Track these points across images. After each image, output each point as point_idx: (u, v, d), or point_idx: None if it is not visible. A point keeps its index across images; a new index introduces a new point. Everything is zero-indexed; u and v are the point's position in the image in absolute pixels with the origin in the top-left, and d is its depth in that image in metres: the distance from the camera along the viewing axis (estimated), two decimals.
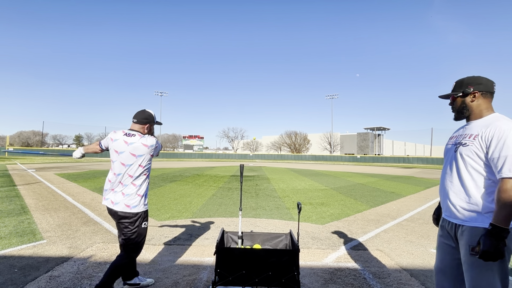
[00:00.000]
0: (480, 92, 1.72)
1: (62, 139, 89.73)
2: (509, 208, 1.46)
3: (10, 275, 2.95)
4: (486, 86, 1.72)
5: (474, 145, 1.64)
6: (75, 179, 12.40)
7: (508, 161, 1.50)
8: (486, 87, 1.72)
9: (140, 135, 2.57)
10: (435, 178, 17.38)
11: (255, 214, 6.08)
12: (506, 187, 1.49)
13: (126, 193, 2.46)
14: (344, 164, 45.09)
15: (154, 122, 2.71)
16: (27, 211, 5.92)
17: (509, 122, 1.58)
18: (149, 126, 2.67)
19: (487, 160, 1.60)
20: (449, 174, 1.77)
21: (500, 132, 1.55)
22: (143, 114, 2.65)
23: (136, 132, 2.60)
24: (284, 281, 2.17)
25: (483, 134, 1.62)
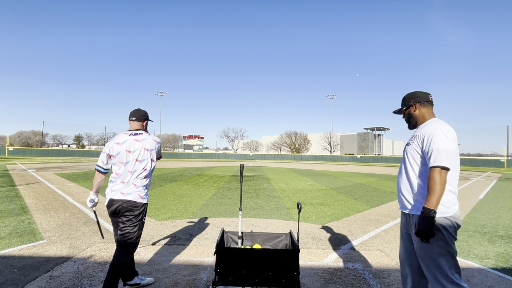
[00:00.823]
0: (419, 103, 2.07)
1: (62, 139, 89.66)
2: (436, 192, 1.74)
3: (10, 275, 2.95)
4: (422, 97, 2.07)
5: (414, 143, 1.99)
6: (75, 179, 12.40)
7: (434, 152, 1.81)
8: (422, 98, 2.07)
9: (148, 133, 2.73)
10: None
11: (255, 214, 6.07)
12: (432, 174, 1.78)
13: (138, 185, 2.57)
14: (344, 164, 45.08)
15: (148, 118, 2.82)
16: (27, 211, 5.92)
17: (439, 124, 1.91)
18: (147, 122, 2.81)
19: (423, 155, 1.91)
20: (400, 171, 2.08)
21: (430, 130, 1.88)
22: (140, 112, 2.77)
23: (139, 130, 2.71)
24: (284, 281, 2.17)
25: (420, 133, 1.96)
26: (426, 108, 2.06)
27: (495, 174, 23.48)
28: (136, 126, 2.71)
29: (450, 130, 1.88)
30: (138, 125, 2.72)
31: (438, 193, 1.74)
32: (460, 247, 4.14)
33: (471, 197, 9.20)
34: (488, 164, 42.00)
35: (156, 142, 2.70)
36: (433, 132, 1.86)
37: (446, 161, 1.77)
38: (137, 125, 2.71)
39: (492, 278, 3.12)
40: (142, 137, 2.64)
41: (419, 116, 2.08)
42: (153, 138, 2.69)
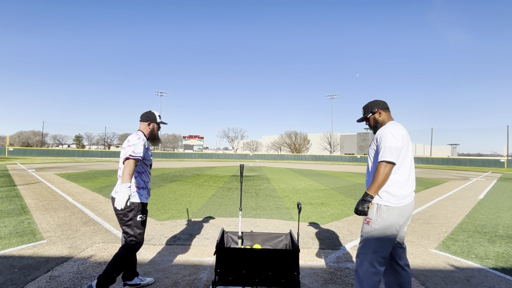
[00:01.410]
0: (382, 109, 2.37)
1: (62, 139, 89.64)
2: (377, 182, 2.07)
3: (10, 275, 2.95)
4: (383, 104, 2.39)
5: (372, 144, 2.31)
6: (75, 179, 12.40)
7: (382, 149, 2.11)
8: (383, 105, 2.38)
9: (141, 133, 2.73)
10: (435, 178, 17.38)
11: (255, 214, 6.07)
12: (378, 167, 2.09)
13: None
14: (344, 164, 45.08)
15: (155, 120, 2.79)
16: (27, 211, 5.92)
17: (392, 125, 2.21)
18: (151, 123, 2.77)
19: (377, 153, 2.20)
20: (367, 168, 2.39)
21: (382, 131, 2.20)
22: (145, 112, 2.82)
23: (138, 131, 2.77)
24: (284, 281, 2.17)
25: (376, 135, 2.26)
26: (386, 113, 2.38)
27: (495, 174, 23.48)
28: (140, 127, 2.79)
29: (398, 130, 2.15)
30: (141, 126, 2.78)
31: (378, 182, 2.06)
32: (460, 247, 4.14)
33: (471, 197, 9.20)
34: (488, 164, 42.01)
35: (127, 141, 2.58)
36: (383, 132, 2.18)
37: (390, 156, 2.06)
38: (140, 126, 2.79)
39: (492, 278, 3.12)
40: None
41: (383, 121, 2.36)
42: (129, 137, 2.62)
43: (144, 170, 2.67)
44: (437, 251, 3.96)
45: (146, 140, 2.68)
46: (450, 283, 3.01)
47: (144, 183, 2.67)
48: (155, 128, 2.81)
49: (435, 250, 4.03)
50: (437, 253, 3.88)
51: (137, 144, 2.52)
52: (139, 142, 2.54)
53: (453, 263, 3.56)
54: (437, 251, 3.98)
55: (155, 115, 2.79)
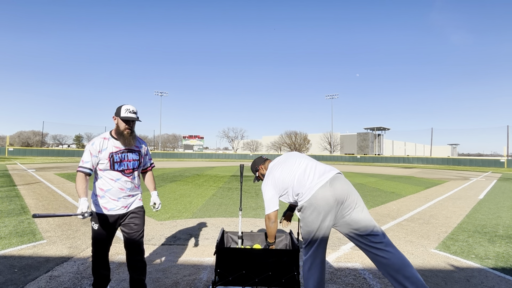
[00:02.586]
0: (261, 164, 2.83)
1: (62, 139, 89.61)
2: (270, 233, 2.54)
3: (10, 275, 2.95)
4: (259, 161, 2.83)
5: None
6: (75, 179, 12.38)
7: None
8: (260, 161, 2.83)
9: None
10: (435, 178, 17.38)
11: (255, 214, 6.07)
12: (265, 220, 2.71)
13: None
14: (344, 164, 45.07)
15: (119, 114, 2.34)
16: (27, 211, 5.91)
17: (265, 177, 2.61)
18: (116, 118, 2.37)
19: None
20: None
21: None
22: None
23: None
24: (284, 281, 2.16)
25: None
26: (265, 165, 2.72)
27: (495, 174, 23.48)
28: None
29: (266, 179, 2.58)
30: None
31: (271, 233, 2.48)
32: (460, 247, 4.14)
33: (471, 197, 9.20)
34: (488, 164, 41.98)
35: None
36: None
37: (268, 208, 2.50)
38: None
39: (492, 278, 3.12)
40: None
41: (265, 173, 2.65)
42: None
43: (100, 175, 2.35)
44: (437, 251, 3.96)
45: (101, 142, 2.31)
46: (450, 283, 3.01)
47: (102, 191, 2.36)
48: (119, 122, 2.36)
49: (435, 250, 4.03)
50: (437, 253, 3.88)
51: (84, 151, 2.32)
52: (86, 148, 2.32)
53: (453, 263, 3.56)
54: (437, 251, 3.98)
55: (121, 109, 2.34)
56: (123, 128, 2.34)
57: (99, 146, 2.30)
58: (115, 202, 2.37)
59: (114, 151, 2.33)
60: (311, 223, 2.21)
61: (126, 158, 2.38)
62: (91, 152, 2.29)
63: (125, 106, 2.35)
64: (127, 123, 2.35)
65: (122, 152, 2.36)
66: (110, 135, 2.38)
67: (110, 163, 2.31)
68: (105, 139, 2.34)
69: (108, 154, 2.31)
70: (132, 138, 2.39)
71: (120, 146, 2.35)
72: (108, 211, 2.36)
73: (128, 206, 2.44)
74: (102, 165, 2.31)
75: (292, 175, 2.43)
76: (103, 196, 2.35)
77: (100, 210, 2.35)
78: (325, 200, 2.18)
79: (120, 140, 2.35)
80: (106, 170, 2.33)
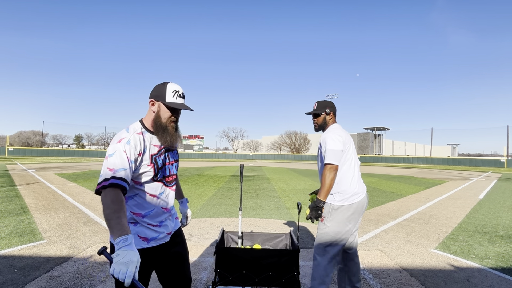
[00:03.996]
0: (333, 113, 2.46)
1: (62, 139, 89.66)
2: (326, 186, 2.16)
3: (10, 275, 2.95)
4: (335, 109, 2.48)
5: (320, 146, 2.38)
6: (75, 179, 12.40)
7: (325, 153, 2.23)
8: (335, 110, 2.48)
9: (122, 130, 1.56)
10: (435, 178, 17.38)
11: (255, 214, 6.07)
12: (324, 171, 2.20)
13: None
14: None
15: (163, 98, 1.56)
16: (27, 211, 5.92)
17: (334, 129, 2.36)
18: (156, 103, 1.58)
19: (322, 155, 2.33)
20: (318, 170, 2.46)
21: (325, 135, 2.32)
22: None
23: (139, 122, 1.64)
24: (284, 281, 2.16)
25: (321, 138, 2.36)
26: (334, 118, 2.48)
27: (495, 174, 23.48)
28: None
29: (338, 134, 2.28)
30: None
31: (326, 186, 2.16)
32: (460, 247, 4.14)
33: (471, 197, 9.20)
34: (488, 164, 41.99)
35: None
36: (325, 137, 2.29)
37: (333, 159, 2.18)
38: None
39: (492, 278, 3.12)
40: None
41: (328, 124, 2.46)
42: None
43: (136, 191, 1.53)
44: (437, 251, 3.96)
45: (139, 140, 1.50)
46: (450, 283, 3.01)
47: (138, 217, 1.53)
48: (162, 110, 1.57)
49: (435, 250, 4.03)
50: (437, 253, 3.88)
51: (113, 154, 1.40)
52: (115, 148, 1.41)
53: (453, 263, 3.56)
54: (437, 251, 3.98)
55: (165, 90, 1.56)
56: (166, 120, 1.57)
57: (139, 144, 1.49)
58: (157, 228, 1.58)
59: (154, 153, 1.57)
60: (344, 225, 2.25)
61: (167, 160, 1.64)
62: (127, 153, 1.42)
63: (171, 85, 1.58)
64: (173, 112, 1.59)
65: (162, 152, 1.62)
66: (143, 128, 1.58)
67: (154, 171, 1.54)
68: (139, 135, 1.52)
69: (149, 156, 1.54)
70: (178, 134, 1.66)
71: (157, 144, 1.59)
72: (148, 243, 1.55)
73: (172, 230, 1.71)
74: (141, 176, 1.52)
75: (353, 164, 2.33)
76: (140, 223, 1.54)
77: (137, 244, 1.50)
78: (363, 209, 2.33)
79: (159, 136, 1.57)
80: (146, 183, 1.53)
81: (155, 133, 1.58)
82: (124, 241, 1.22)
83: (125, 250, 1.19)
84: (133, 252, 1.20)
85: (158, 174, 1.56)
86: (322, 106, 2.44)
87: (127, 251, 1.19)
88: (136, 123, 1.60)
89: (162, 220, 1.61)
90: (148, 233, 1.54)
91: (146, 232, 1.54)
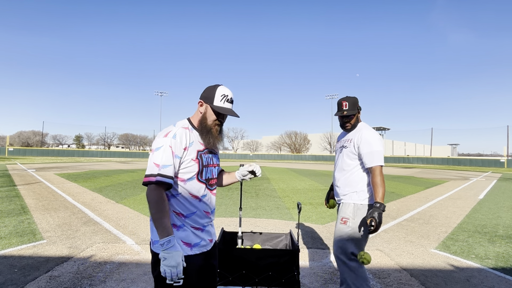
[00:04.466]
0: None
1: (62, 139, 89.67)
2: (383, 187, 2.03)
3: (10, 275, 2.95)
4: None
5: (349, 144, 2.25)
6: (75, 179, 12.40)
7: (373, 153, 2.11)
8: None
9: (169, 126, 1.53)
10: (435, 178, 17.38)
11: (255, 214, 6.07)
12: (376, 172, 2.07)
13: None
14: None
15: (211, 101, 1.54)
16: (27, 211, 5.92)
17: (370, 128, 2.25)
18: (204, 105, 1.56)
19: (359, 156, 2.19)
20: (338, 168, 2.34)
21: (366, 134, 2.18)
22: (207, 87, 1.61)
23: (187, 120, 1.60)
24: (284, 281, 2.17)
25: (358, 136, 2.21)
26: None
27: (495, 174, 23.48)
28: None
29: (378, 134, 2.23)
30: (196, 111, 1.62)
31: (383, 187, 2.04)
32: (460, 247, 4.14)
33: (471, 197, 9.20)
34: (488, 164, 42.00)
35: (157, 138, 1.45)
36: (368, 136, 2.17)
37: (382, 160, 2.12)
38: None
39: (492, 278, 3.12)
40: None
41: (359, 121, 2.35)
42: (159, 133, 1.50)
43: (179, 190, 1.46)
44: (437, 251, 3.96)
45: (185, 134, 1.47)
46: (450, 283, 3.01)
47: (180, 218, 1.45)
48: (208, 112, 1.55)
49: (435, 250, 4.03)
50: (437, 253, 3.89)
51: (159, 148, 1.39)
52: (160, 143, 1.40)
53: (453, 263, 3.56)
54: (437, 251, 3.98)
55: (214, 93, 1.55)
56: (211, 122, 1.55)
57: (185, 138, 1.45)
58: (199, 233, 1.49)
59: (200, 149, 1.52)
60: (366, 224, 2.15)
61: (211, 161, 1.59)
62: (172, 148, 1.39)
63: (221, 89, 1.56)
64: (219, 115, 1.56)
65: (206, 152, 1.57)
66: (190, 125, 1.55)
67: (199, 167, 1.49)
68: (186, 129, 1.49)
69: (196, 152, 1.49)
70: (221, 137, 1.61)
71: (202, 143, 1.55)
72: (192, 249, 1.45)
73: (214, 238, 1.61)
74: (185, 171, 1.46)
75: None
76: (183, 226, 1.45)
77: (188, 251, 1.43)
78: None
79: (203, 137, 1.53)
80: (190, 180, 1.47)
81: (199, 133, 1.55)
82: (168, 243, 1.30)
83: (170, 252, 1.28)
84: (177, 252, 1.29)
85: (202, 171, 1.51)
86: (353, 104, 2.27)
87: (172, 253, 1.28)
88: (183, 120, 1.58)
89: (204, 225, 1.53)
90: (191, 238, 1.46)
91: (190, 237, 1.46)
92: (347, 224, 2.13)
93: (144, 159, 47.42)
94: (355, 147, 2.21)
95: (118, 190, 9.16)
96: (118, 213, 5.93)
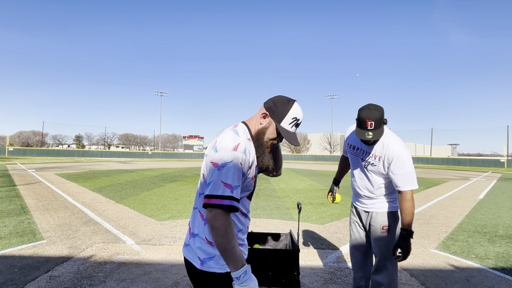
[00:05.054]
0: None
1: (62, 139, 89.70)
2: (412, 213, 1.90)
3: (10, 275, 2.95)
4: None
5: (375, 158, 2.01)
6: (75, 179, 12.40)
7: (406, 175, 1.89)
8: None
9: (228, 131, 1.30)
10: (435, 178, 17.39)
11: (255, 214, 6.07)
12: (407, 196, 1.88)
13: (194, 232, 1.31)
14: None
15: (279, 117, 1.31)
16: (27, 211, 5.92)
17: (400, 143, 1.97)
18: (268, 118, 1.33)
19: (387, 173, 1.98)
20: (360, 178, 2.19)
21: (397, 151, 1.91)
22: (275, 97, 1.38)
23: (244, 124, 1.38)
24: (284, 281, 2.16)
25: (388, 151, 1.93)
26: None
27: (495, 174, 23.48)
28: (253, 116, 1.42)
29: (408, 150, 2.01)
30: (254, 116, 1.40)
31: (413, 213, 1.91)
32: (460, 247, 4.14)
33: (471, 197, 9.20)
34: (488, 164, 42.00)
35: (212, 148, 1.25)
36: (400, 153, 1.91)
37: (416, 183, 1.92)
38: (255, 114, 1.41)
39: (492, 278, 3.12)
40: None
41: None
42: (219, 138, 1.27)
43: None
44: (437, 251, 3.96)
45: (251, 149, 1.28)
46: (450, 283, 3.01)
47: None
48: (270, 129, 1.33)
49: (435, 250, 4.03)
50: (437, 253, 3.89)
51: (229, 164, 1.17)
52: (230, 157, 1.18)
53: (453, 263, 3.56)
54: (437, 251, 3.98)
55: (287, 112, 1.32)
56: (268, 140, 1.34)
57: (252, 155, 1.28)
58: (243, 249, 1.37)
59: (256, 164, 1.35)
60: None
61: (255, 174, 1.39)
62: (243, 166, 1.20)
63: (295, 109, 1.34)
64: (279, 136, 1.36)
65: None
66: (250, 134, 1.35)
67: (253, 185, 1.36)
68: (250, 143, 1.32)
69: (256, 170, 1.35)
70: (271, 156, 1.41)
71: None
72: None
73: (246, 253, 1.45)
74: (243, 190, 1.30)
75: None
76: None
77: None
78: None
79: (257, 155, 1.33)
80: (243, 199, 1.33)
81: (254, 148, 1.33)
82: (244, 275, 1.15)
83: (247, 284, 1.14)
84: (254, 282, 1.17)
85: (254, 189, 1.38)
86: (379, 119, 1.83)
87: (249, 284, 1.15)
88: (242, 126, 1.34)
89: (244, 239, 1.40)
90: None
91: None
92: (390, 232, 2.07)
93: (144, 159, 47.45)
94: (385, 167, 1.94)
95: (118, 190, 9.16)
96: (118, 213, 5.93)
